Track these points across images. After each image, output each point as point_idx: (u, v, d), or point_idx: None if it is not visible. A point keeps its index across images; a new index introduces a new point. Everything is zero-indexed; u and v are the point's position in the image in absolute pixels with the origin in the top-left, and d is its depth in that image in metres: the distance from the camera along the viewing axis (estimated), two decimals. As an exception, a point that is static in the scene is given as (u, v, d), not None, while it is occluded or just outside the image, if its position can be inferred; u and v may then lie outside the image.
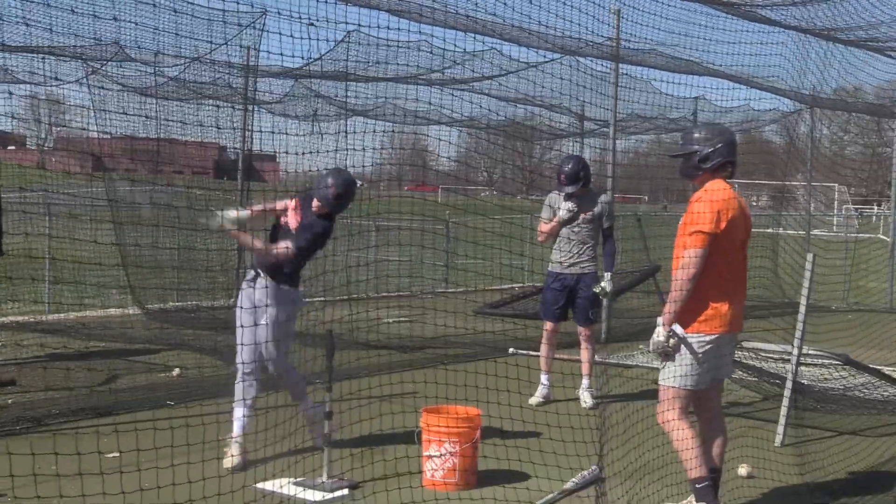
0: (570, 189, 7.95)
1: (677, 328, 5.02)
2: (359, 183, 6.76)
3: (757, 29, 11.28)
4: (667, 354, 5.04)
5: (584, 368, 8.14)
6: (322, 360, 5.84)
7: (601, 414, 6.61)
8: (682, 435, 5.00)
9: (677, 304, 4.97)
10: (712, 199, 5.05)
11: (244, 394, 6.09)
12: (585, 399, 8.01)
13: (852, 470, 6.23)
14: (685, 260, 4.98)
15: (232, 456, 5.90)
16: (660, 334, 4.98)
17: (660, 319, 5.01)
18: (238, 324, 6.17)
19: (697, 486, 4.98)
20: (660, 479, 5.60)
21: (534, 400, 7.86)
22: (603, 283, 7.85)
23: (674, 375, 5.05)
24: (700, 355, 5.02)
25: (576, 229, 7.99)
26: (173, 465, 5.20)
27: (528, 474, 5.71)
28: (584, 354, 8.13)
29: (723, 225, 5.01)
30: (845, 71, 14.17)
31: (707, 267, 4.98)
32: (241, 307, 6.23)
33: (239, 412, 6.08)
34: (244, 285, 6.29)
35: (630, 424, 6.29)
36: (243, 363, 6.08)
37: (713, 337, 5.03)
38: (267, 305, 6.07)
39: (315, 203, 6.28)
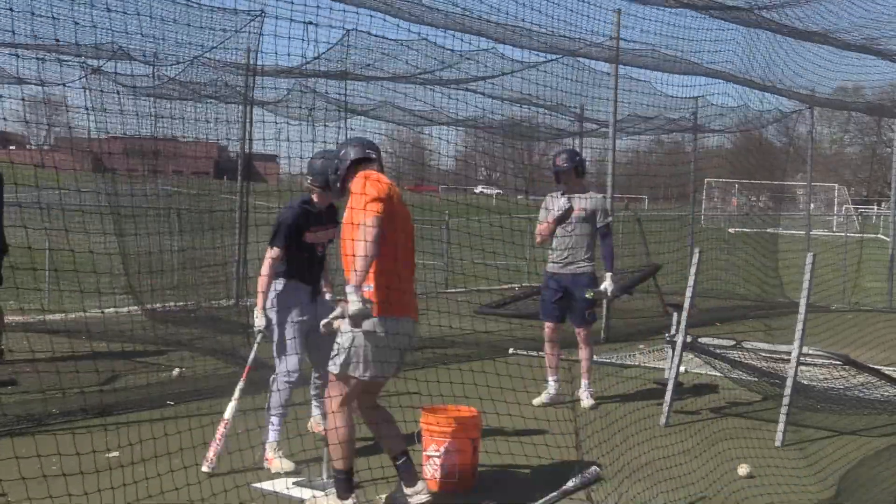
0: (565, 166, 7.95)
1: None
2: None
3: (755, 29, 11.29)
4: (365, 317, 4.76)
5: (584, 369, 8.12)
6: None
7: (589, 414, 6.62)
8: (342, 433, 4.97)
9: (362, 271, 4.69)
10: (374, 178, 4.93)
11: (286, 402, 5.99)
12: (585, 400, 8.00)
13: (852, 470, 6.23)
14: (364, 227, 4.71)
15: (281, 459, 5.83)
16: (356, 303, 4.66)
17: (350, 288, 4.69)
18: (291, 335, 5.95)
19: (339, 477, 5.07)
20: (650, 475, 5.61)
21: (538, 400, 7.82)
22: (604, 285, 7.84)
23: (360, 364, 4.92)
24: (391, 339, 4.94)
25: (569, 228, 7.91)
26: (173, 465, 5.21)
27: (528, 474, 5.71)
28: (583, 355, 8.11)
29: (394, 197, 4.93)
30: (844, 72, 14.19)
31: (387, 250, 4.84)
32: (303, 318, 5.99)
33: (277, 421, 5.97)
34: (294, 294, 6.01)
35: (627, 424, 6.31)
36: (289, 372, 5.94)
37: (403, 320, 5.01)
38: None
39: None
